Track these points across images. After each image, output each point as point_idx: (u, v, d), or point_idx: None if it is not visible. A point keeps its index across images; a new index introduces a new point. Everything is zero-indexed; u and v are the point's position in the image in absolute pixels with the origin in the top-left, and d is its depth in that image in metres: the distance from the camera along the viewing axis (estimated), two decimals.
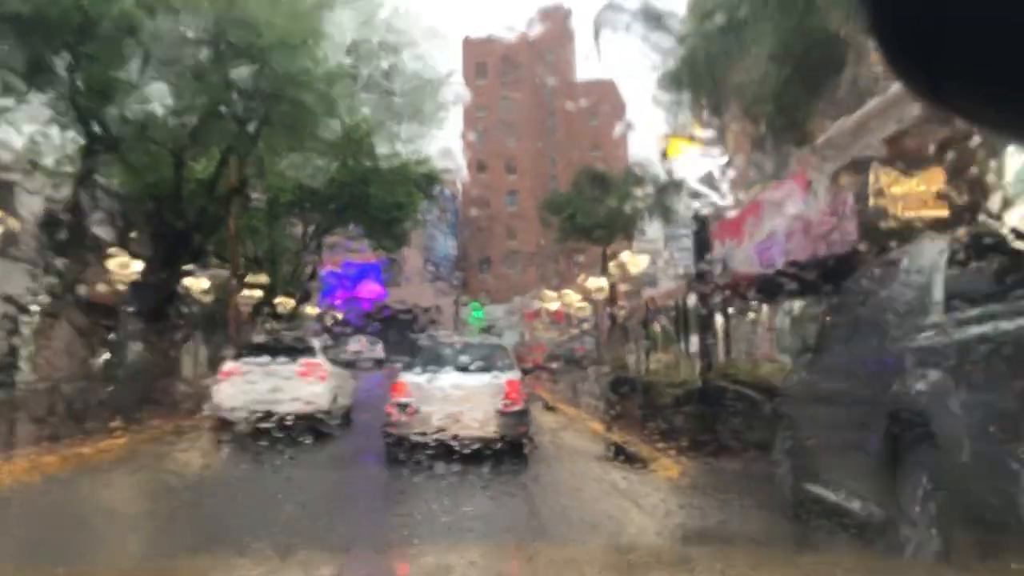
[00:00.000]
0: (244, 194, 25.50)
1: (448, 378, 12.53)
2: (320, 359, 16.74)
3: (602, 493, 9.32)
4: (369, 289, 66.07)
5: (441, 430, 11.21)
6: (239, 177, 23.89)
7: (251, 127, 22.38)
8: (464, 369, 12.80)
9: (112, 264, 18.43)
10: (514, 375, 13.02)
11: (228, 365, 16.56)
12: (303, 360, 16.16)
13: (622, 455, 11.64)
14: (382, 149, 29.57)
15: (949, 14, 0.94)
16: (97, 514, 8.35)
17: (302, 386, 15.38)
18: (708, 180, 11.36)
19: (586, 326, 40.75)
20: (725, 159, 11.57)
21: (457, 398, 11.97)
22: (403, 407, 12.11)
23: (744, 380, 11.03)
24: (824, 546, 6.18)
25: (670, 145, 12.07)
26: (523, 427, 12.40)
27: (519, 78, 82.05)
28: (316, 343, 18.76)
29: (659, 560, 3.95)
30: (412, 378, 12.66)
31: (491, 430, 11.75)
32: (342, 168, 31.36)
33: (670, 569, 3.56)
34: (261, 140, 23.18)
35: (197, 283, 21.09)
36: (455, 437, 10.95)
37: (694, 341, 20.80)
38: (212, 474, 9.67)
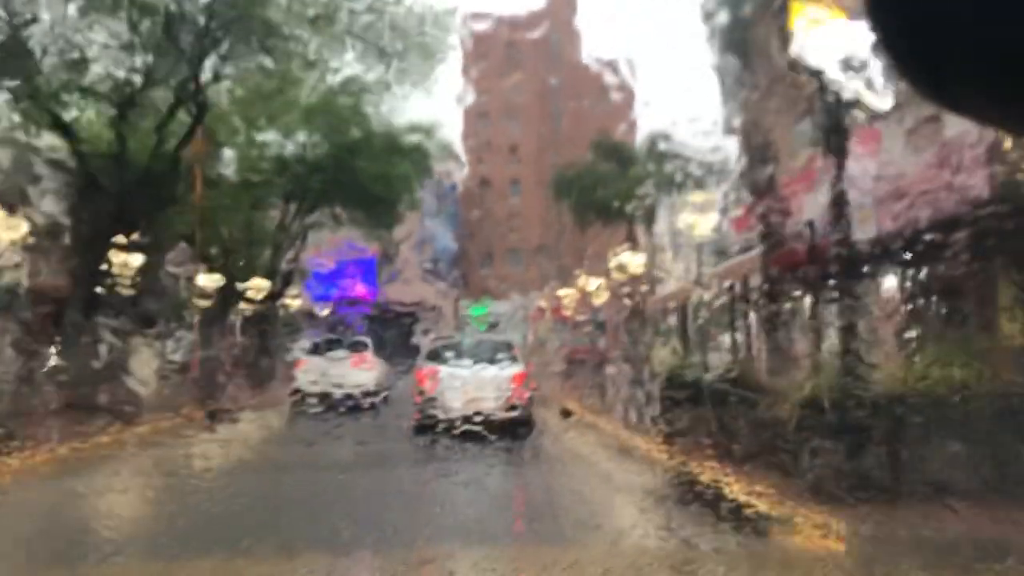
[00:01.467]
0: (195, 149, 21.10)
1: (464, 370, 14.49)
2: (369, 353, 21.42)
3: None
4: (362, 288, 62.49)
5: (458, 413, 13.31)
6: (193, 134, 19.66)
7: (207, 68, 18.23)
8: (477, 362, 14.80)
9: None
10: (519, 368, 14.97)
11: (303, 357, 21.29)
12: (357, 354, 21.03)
13: (711, 499, 7.51)
14: (370, 109, 25.63)
15: (952, 12, 0.92)
16: None
17: (356, 373, 19.71)
18: (853, 65, 7.27)
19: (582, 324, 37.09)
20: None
21: (471, 386, 13.91)
22: (426, 394, 14.37)
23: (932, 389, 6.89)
24: None
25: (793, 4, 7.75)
26: (526, 410, 14.23)
27: (523, 62, 78.64)
28: (367, 341, 23.22)
29: (662, 563, 4.20)
30: (434, 369, 14.74)
31: (499, 412, 13.51)
32: (326, 137, 27.47)
33: (674, 572, 3.90)
34: (221, 87, 19.09)
35: (129, 260, 16.85)
36: (470, 417, 12.89)
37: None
38: None
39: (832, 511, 6.30)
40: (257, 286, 25.41)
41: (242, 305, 25.87)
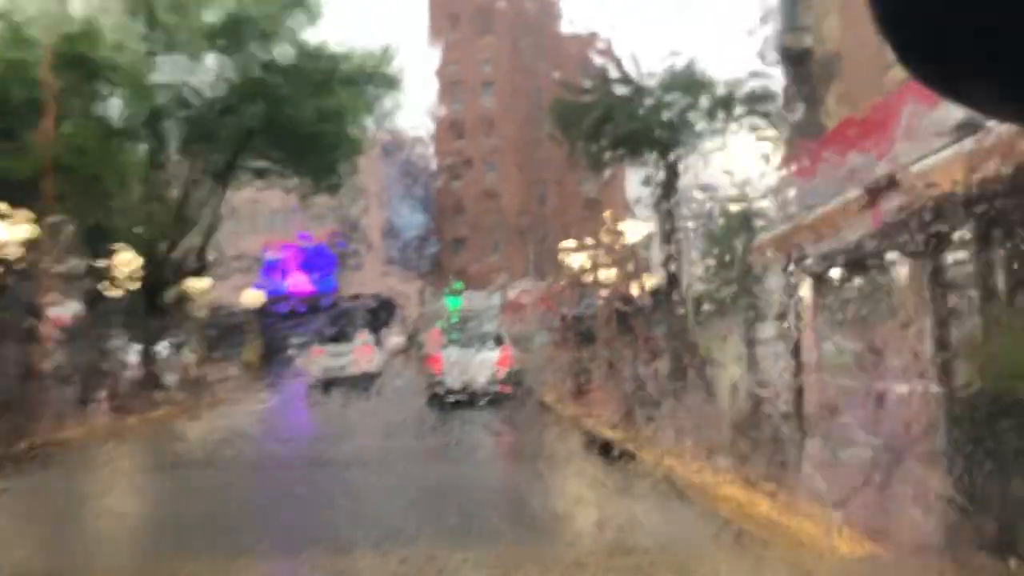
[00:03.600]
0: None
1: (464, 352, 19.33)
2: (370, 342, 27.35)
3: None
4: (314, 280, 56.35)
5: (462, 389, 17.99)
6: None
7: None
8: (472, 347, 19.59)
9: None
10: (504, 350, 19.67)
11: (315, 348, 26.57)
12: (359, 342, 26.76)
13: None
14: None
15: (955, 2, 0.91)
16: None
17: (359, 358, 24.66)
18: None
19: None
20: None
21: (469, 366, 18.58)
22: (436, 374, 18.97)
23: None
24: None
25: None
26: (511, 384, 18.38)
27: (496, 32, 73.95)
28: (367, 332, 29.01)
29: (662, 565, 4.13)
30: (441, 353, 19.43)
31: (492, 385, 18.22)
32: (242, 60, 20.28)
33: (674, 572, 3.82)
34: None
35: None
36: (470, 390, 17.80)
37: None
38: None
39: None
40: (126, 262, 17.38)
41: (113, 288, 17.97)
